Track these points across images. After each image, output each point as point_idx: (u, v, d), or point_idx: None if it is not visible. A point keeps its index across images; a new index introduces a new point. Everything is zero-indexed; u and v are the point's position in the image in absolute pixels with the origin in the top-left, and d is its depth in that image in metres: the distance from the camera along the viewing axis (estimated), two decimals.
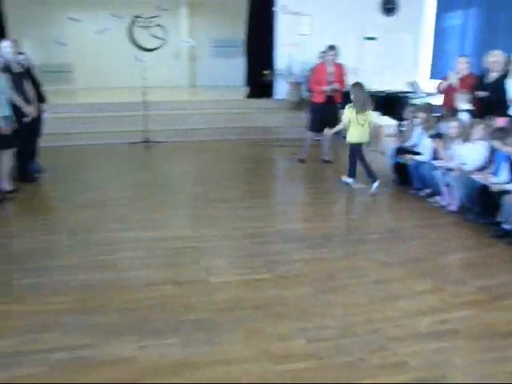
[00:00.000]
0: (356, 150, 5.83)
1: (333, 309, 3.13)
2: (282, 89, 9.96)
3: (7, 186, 5.52)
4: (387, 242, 4.25)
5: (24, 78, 5.82)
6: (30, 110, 5.75)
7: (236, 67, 12.03)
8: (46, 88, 6.60)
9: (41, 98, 6.29)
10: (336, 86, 6.74)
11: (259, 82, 9.97)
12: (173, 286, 3.41)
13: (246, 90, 10.55)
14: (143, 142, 8.24)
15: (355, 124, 5.70)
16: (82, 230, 4.47)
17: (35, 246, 4.13)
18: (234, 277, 3.58)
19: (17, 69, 5.70)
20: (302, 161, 7.18)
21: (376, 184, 5.65)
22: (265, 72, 9.85)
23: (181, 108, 9.61)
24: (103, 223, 4.66)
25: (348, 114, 5.73)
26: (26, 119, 5.70)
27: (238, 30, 11.65)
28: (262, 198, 5.65)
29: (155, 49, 12.77)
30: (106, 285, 3.44)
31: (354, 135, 5.77)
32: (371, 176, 5.72)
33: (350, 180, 5.91)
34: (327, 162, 7.18)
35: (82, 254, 3.96)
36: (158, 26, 12.65)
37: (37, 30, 11.70)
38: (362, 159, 5.83)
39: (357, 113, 5.66)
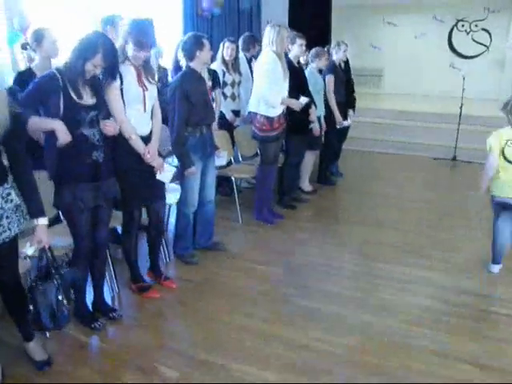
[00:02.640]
0: None
1: None
2: None
3: (306, 186, 5.51)
4: None
5: (346, 80, 5.71)
6: (341, 120, 5.54)
7: None
8: (356, 90, 6.34)
9: (353, 104, 6.07)
10: None
11: None
12: (473, 369, 2.58)
13: None
14: (449, 159, 7.32)
15: None
16: (369, 256, 3.99)
17: (317, 261, 3.86)
18: None
19: (342, 71, 5.62)
20: None
21: None
22: None
23: (497, 125, 8.19)
24: (392, 251, 4.08)
25: None
26: (338, 125, 5.54)
27: None
28: None
29: (475, 56, 11.54)
30: (381, 336, 2.85)
31: None
32: None
33: None
34: None
35: (363, 286, 3.47)
36: (483, 30, 11.35)
37: (353, 34, 11.75)
38: None
39: None
